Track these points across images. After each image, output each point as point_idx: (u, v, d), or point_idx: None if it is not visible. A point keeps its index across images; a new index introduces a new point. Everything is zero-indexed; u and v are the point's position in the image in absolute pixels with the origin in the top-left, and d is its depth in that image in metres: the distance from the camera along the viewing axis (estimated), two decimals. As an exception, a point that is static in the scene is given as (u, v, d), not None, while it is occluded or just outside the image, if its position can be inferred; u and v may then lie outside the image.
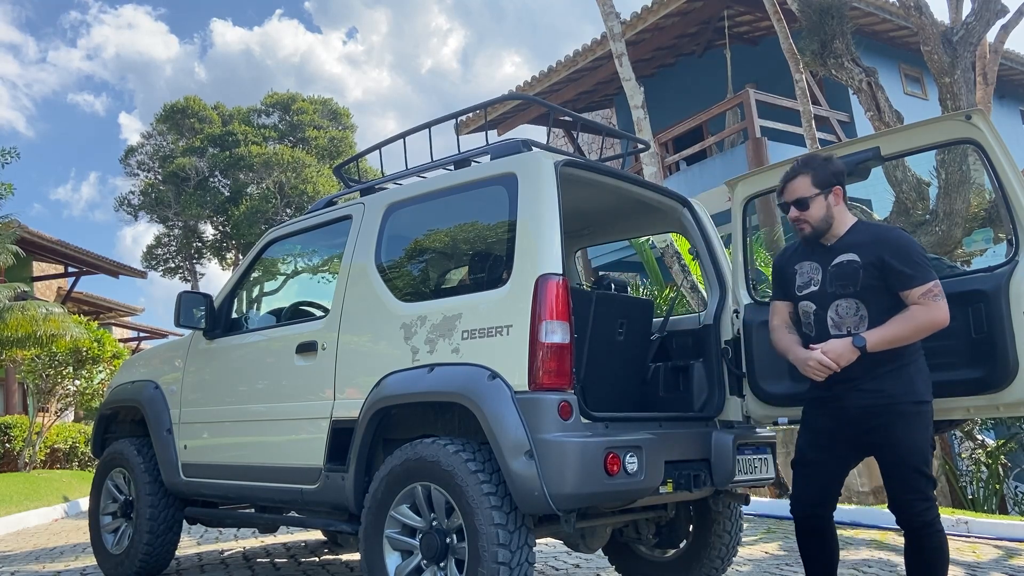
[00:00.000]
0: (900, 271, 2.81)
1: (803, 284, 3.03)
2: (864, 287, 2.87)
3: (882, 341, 2.79)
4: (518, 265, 3.10)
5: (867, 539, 5.57)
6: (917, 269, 2.80)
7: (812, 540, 3.07)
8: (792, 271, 3.08)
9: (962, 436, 7.91)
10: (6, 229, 11.61)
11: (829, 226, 2.99)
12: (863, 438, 2.91)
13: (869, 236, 2.94)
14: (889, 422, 2.83)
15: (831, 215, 2.98)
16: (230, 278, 4.64)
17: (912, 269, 2.80)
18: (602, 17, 8.43)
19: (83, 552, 5.97)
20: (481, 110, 3.88)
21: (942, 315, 2.78)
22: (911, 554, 2.91)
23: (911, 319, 2.79)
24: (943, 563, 2.86)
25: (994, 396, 3.00)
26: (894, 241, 2.88)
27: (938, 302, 2.78)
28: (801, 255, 3.09)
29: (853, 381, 2.87)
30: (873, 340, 2.79)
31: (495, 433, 2.91)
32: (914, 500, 2.84)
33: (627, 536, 4.19)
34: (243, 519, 4.75)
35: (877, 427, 2.85)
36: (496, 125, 15.59)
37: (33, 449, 11.74)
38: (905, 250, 2.84)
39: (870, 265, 2.86)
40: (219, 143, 25.28)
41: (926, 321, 2.78)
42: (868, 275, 2.86)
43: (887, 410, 2.83)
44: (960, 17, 7.20)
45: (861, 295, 2.87)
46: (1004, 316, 2.95)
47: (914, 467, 2.82)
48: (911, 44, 12.39)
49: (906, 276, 2.80)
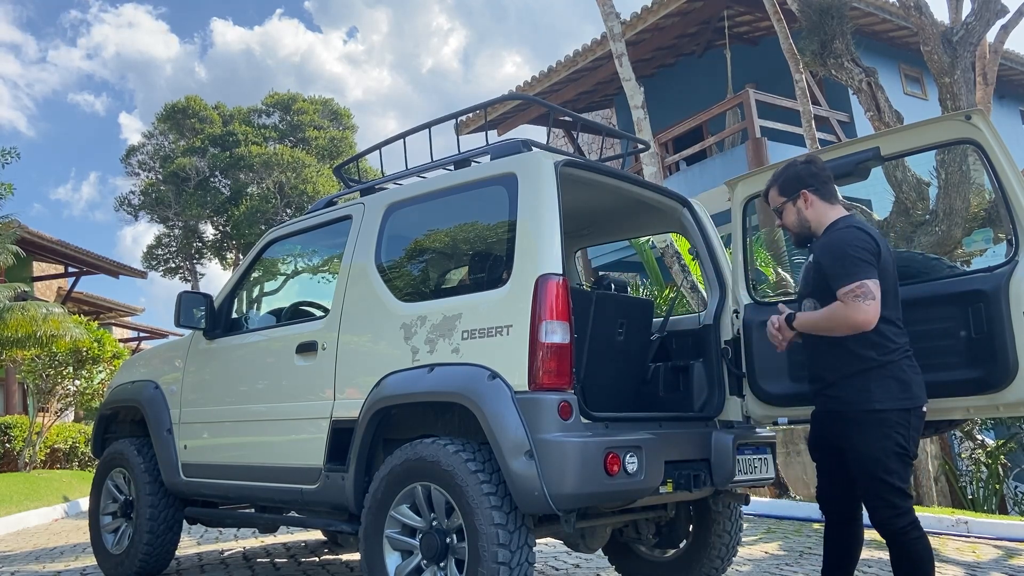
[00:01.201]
0: (828, 273, 2.88)
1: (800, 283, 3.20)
2: (815, 287, 2.98)
3: (803, 322, 2.94)
4: (518, 265, 3.10)
5: (867, 539, 5.56)
6: (842, 270, 2.83)
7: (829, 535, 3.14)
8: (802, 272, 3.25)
9: (962, 436, 7.91)
10: (6, 229, 11.61)
11: (807, 229, 3.09)
12: (833, 442, 2.99)
13: (824, 238, 3.02)
14: (842, 429, 2.90)
15: (805, 219, 3.08)
16: (230, 278, 4.64)
17: (837, 270, 2.84)
18: (602, 17, 8.43)
19: (83, 552, 5.97)
20: (481, 110, 3.88)
21: (860, 316, 2.76)
22: (892, 559, 2.92)
23: (830, 311, 2.84)
24: (924, 570, 2.83)
25: (994, 396, 3.00)
26: (829, 243, 2.95)
27: (857, 303, 2.77)
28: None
29: (819, 383, 2.99)
30: (798, 319, 2.96)
31: (495, 433, 2.91)
32: (878, 507, 2.85)
33: (627, 536, 4.19)
34: (243, 519, 4.75)
35: (838, 433, 2.93)
36: (496, 125, 15.59)
37: (33, 449, 11.74)
38: (835, 252, 2.89)
39: (817, 265, 2.96)
40: (219, 143, 25.28)
41: (841, 318, 2.80)
42: (817, 277, 2.96)
43: (841, 416, 2.90)
44: (960, 17, 7.20)
45: (815, 294, 2.97)
46: (1004, 316, 2.95)
47: (872, 475, 2.83)
48: (911, 44, 12.39)
49: (832, 276, 2.86)
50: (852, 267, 2.81)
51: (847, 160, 3.43)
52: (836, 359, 2.90)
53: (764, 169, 3.87)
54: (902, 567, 2.87)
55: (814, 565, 4.62)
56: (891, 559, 2.92)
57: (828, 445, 3.03)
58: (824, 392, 2.97)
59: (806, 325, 2.94)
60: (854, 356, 2.86)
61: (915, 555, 2.83)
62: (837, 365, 2.90)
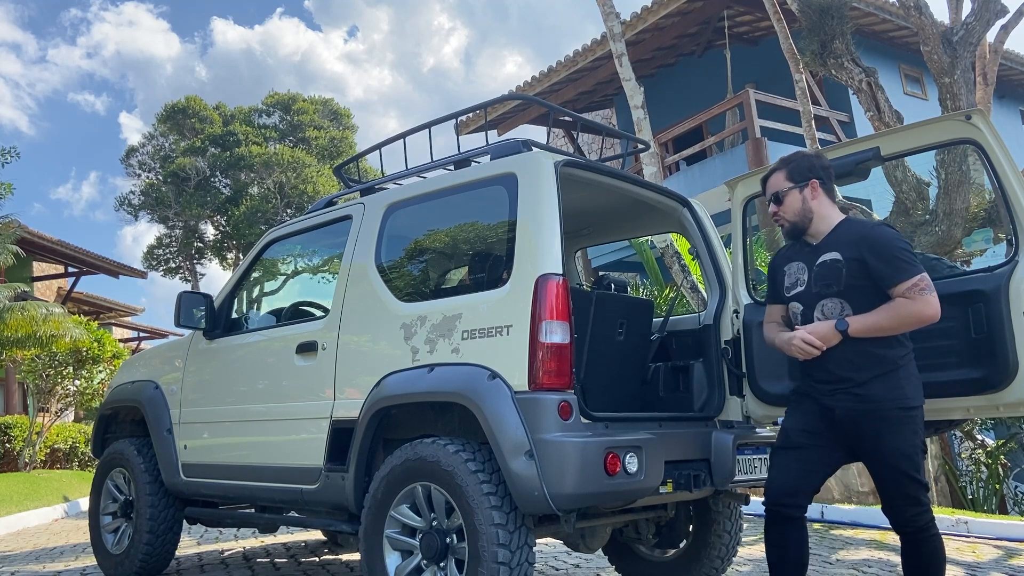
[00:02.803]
0: (883, 269, 2.76)
1: (791, 285, 3.01)
2: (848, 286, 2.82)
3: (864, 327, 2.75)
4: (518, 265, 3.10)
5: (867, 539, 5.57)
6: (900, 265, 2.75)
7: (784, 533, 2.93)
8: (782, 273, 3.07)
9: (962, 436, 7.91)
10: (6, 229, 11.61)
11: (809, 221, 2.96)
12: (851, 443, 2.87)
13: (853, 234, 2.89)
14: (876, 428, 2.78)
15: (808, 209, 2.95)
16: (230, 278, 4.64)
17: (895, 265, 2.75)
18: (602, 17, 8.43)
19: (83, 552, 5.97)
20: (481, 110, 3.88)
21: (930, 310, 2.71)
22: (907, 557, 2.89)
23: (896, 309, 2.73)
24: (939, 566, 2.84)
25: (994, 396, 3.00)
26: (876, 239, 2.82)
27: (925, 296, 2.71)
28: (789, 256, 3.07)
29: (843, 383, 2.83)
30: (856, 325, 2.75)
31: (495, 433, 2.91)
32: (905, 506, 2.82)
33: (627, 536, 4.19)
34: (243, 519, 4.75)
35: (865, 433, 2.81)
36: (496, 125, 15.59)
37: (33, 449, 11.74)
38: (887, 247, 2.78)
39: (853, 263, 2.82)
40: (220, 143, 25.27)
41: (911, 314, 2.71)
42: (851, 273, 2.82)
43: (873, 415, 2.78)
44: (960, 17, 7.20)
45: (845, 294, 2.83)
46: (1004, 316, 2.95)
47: (904, 473, 2.79)
48: (911, 44, 12.39)
49: (889, 273, 2.75)
50: (910, 261, 2.75)
51: (847, 160, 3.43)
52: (864, 358, 2.79)
53: (764, 169, 3.87)
54: (919, 564, 2.84)
55: (814, 565, 4.63)
56: (904, 556, 2.89)
57: (835, 442, 2.90)
58: (846, 391, 2.82)
59: (867, 329, 2.75)
60: (882, 354, 2.78)
61: (935, 552, 2.82)
62: (867, 365, 2.79)
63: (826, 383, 2.88)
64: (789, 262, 3.06)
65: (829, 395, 2.87)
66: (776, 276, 3.11)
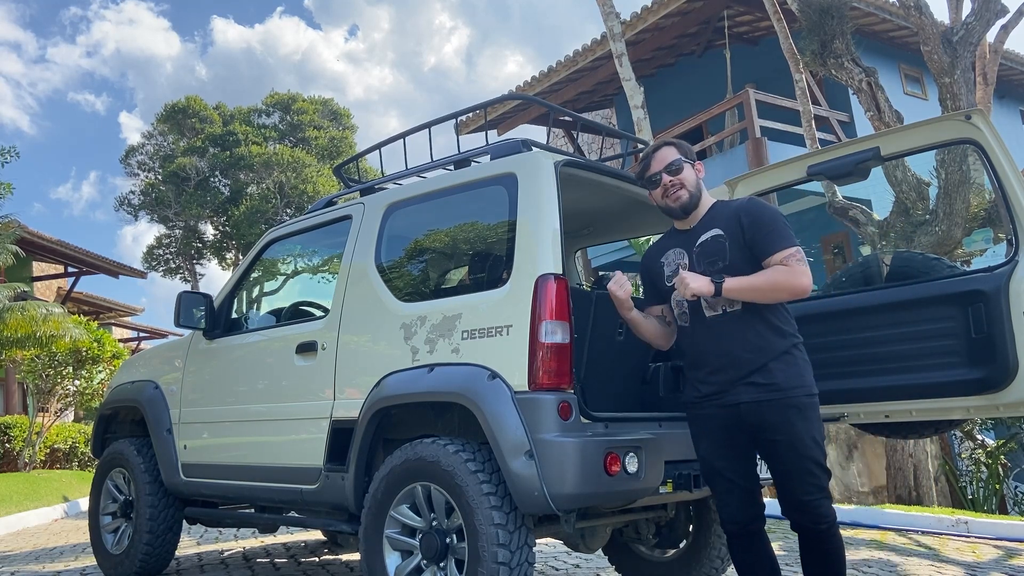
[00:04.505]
0: (761, 237, 2.74)
1: (672, 273, 2.94)
2: (732, 262, 2.77)
3: (739, 287, 2.70)
4: (518, 265, 3.10)
5: (867, 539, 5.57)
6: (779, 232, 2.73)
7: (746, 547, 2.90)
8: (659, 266, 3.02)
9: (962, 436, 7.91)
10: (6, 229, 11.60)
11: (697, 197, 2.93)
12: (759, 435, 2.77)
13: (729, 209, 2.88)
14: (787, 416, 2.69)
15: (699, 186, 2.95)
16: (230, 278, 4.64)
17: (774, 233, 2.73)
18: (602, 17, 8.44)
19: (83, 552, 5.97)
20: (481, 110, 3.88)
21: (805, 279, 2.67)
22: (813, 557, 2.76)
23: (772, 274, 2.69)
24: (841, 565, 2.75)
25: (994, 396, 3.00)
26: (754, 208, 2.81)
27: (802, 266, 2.68)
28: (663, 247, 3.04)
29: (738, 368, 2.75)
30: (730, 284, 2.70)
31: (495, 433, 2.91)
32: (820, 499, 2.71)
33: (627, 536, 4.19)
34: (243, 519, 4.75)
35: (772, 423, 2.71)
36: (496, 125, 15.59)
37: (33, 449, 11.74)
38: (765, 215, 2.77)
39: (734, 236, 2.79)
40: (220, 143, 25.26)
41: (787, 280, 2.67)
42: (734, 248, 2.78)
43: (782, 404, 2.70)
44: (960, 17, 7.21)
45: (730, 271, 2.76)
46: (1004, 316, 2.95)
47: (814, 460, 2.70)
48: (911, 44, 12.39)
49: (768, 241, 2.73)
50: (788, 231, 2.74)
51: (847, 160, 3.44)
52: (758, 338, 2.72)
53: (764, 169, 3.88)
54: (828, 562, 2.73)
55: (814, 565, 4.62)
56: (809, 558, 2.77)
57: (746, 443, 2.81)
58: (748, 381, 2.73)
59: (741, 290, 2.69)
60: (776, 333, 2.73)
61: (840, 546, 2.75)
62: (760, 346, 2.72)
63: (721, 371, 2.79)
64: (664, 252, 3.02)
65: (730, 389, 2.77)
66: (652, 271, 3.05)
